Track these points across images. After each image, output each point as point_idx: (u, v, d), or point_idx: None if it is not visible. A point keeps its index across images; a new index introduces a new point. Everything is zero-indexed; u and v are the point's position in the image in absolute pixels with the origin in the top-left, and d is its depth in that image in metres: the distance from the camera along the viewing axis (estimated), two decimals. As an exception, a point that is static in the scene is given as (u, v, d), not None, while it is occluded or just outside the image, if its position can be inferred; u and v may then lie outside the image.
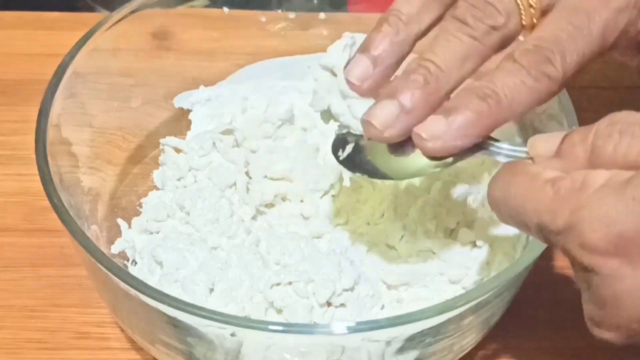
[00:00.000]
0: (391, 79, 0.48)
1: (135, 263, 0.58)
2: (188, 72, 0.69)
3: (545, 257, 0.63)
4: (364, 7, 0.70)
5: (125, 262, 0.59)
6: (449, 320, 0.49)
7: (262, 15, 0.70)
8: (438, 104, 0.45)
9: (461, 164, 0.47)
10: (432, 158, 0.46)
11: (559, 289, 0.63)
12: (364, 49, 0.47)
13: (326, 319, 0.54)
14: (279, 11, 0.70)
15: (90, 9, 0.90)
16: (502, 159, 0.46)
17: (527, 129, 0.61)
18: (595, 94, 0.75)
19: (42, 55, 0.76)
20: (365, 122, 0.46)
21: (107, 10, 0.88)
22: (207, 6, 0.68)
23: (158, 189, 0.63)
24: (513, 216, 0.42)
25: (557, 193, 0.39)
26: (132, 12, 0.62)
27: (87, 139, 0.61)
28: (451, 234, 0.59)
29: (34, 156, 0.53)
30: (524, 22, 0.46)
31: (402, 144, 0.47)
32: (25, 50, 0.77)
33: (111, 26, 0.61)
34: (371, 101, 0.47)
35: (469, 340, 0.55)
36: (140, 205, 0.62)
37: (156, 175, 0.63)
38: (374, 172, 0.49)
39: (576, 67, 0.45)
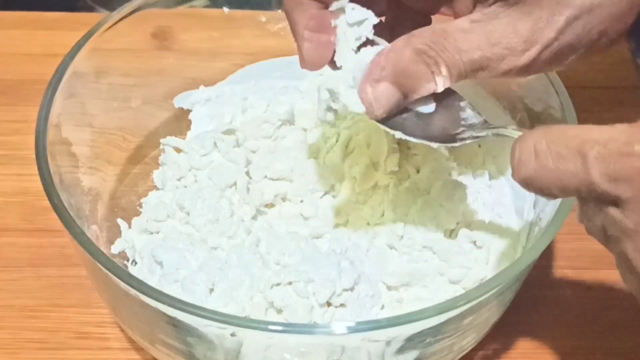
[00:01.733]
0: None
1: (135, 263, 0.58)
2: (188, 72, 0.69)
3: (545, 257, 0.63)
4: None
5: (125, 262, 0.59)
6: (449, 320, 0.49)
7: (262, 15, 0.70)
8: None
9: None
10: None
11: (559, 289, 0.63)
12: None
13: (326, 319, 0.53)
14: (279, 11, 0.70)
15: (90, 9, 0.90)
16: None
17: (527, 129, 0.61)
18: (595, 94, 0.75)
19: (42, 55, 0.76)
20: None
21: (107, 10, 0.88)
22: (207, 6, 0.68)
23: (158, 189, 0.63)
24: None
25: None
26: (132, 12, 0.62)
27: (87, 139, 0.61)
28: (451, 234, 0.59)
29: (34, 156, 0.53)
30: None
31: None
32: (25, 50, 0.77)
33: (111, 26, 0.61)
34: None
35: (469, 340, 0.55)
36: (140, 205, 0.62)
37: (156, 175, 0.63)
38: (407, 132, 0.50)
39: None
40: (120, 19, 0.62)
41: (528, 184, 0.42)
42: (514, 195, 0.62)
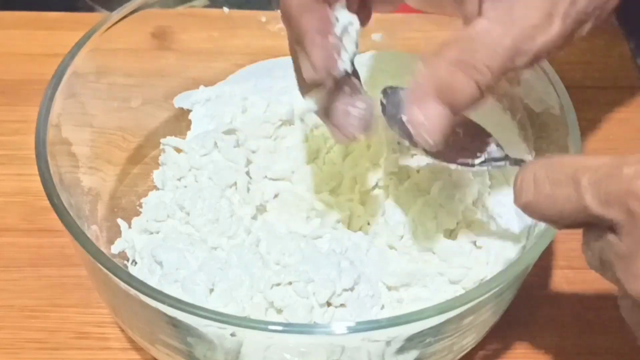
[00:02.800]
0: None
1: (135, 263, 0.58)
2: (188, 72, 0.69)
3: (545, 257, 0.63)
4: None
5: (125, 262, 0.59)
6: (449, 320, 0.49)
7: (262, 15, 0.70)
8: None
9: None
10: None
11: (559, 289, 0.63)
12: None
13: (326, 319, 0.53)
14: (279, 11, 0.69)
15: (90, 9, 0.90)
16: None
17: (527, 129, 0.61)
18: (595, 94, 0.75)
19: (42, 55, 0.76)
20: None
21: (107, 10, 0.88)
22: (207, 6, 0.68)
23: (158, 189, 0.63)
24: None
25: None
26: (132, 12, 0.62)
27: (87, 139, 0.61)
28: (451, 234, 0.59)
29: (34, 156, 0.53)
30: None
31: None
32: (25, 50, 0.77)
33: (111, 26, 0.61)
34: None
35: (469, 340, 0.55)
36: (140, 205, 0.62)
37: (156, 175, 0.63)
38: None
39: None
40: (120, 19, 0.62)
41: (528, 209, 0.44)
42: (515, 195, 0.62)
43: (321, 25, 0.47)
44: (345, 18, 0.48)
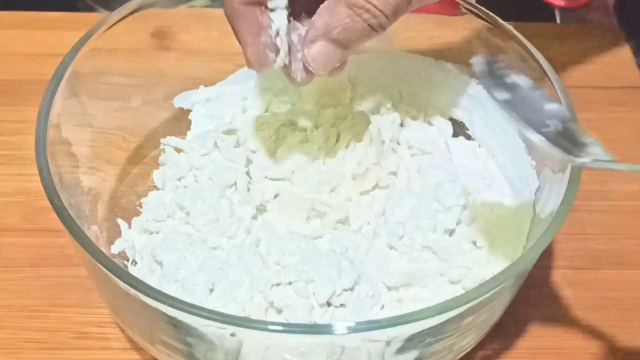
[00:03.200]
0: None
1: (135, 263, 0.58)
2: (188, 72, 0.69)
3: (545, 257, 0.63)
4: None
5: (125, 262, 0.59)
6: (449, 320, 0.49)
7: (262, 15, 0.69)
8: None
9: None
10: None
11: (558, 288, 0.63)
12: None
13: (326, 319, 0.54)
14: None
15: (90, 9, 0.90)
16: None
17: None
18: (595, 94, 0.75)
19: (42, 55, 0.76)
20: None
21: (107, 10, 0.88)
22: (207, 6, 0.68)
23: (158, 189, 0.63)
24: None
25: None
26: (132, 12, 0.62)
27: (87, 139, 0.61)
28: (451, 234, 0.59)
29: (34, 156, 0.53)
30: None
31: None
32: (25, 50, 0.77)
33: (111, 26, 0.61)
34: None
35: (469, 340, 0.55)
36: (140, 205, 0.62)
37: (156, 175, 0.63)
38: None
39: None
40: (120, 19, 0.61)
41: None
42: (514, 195, 0.62)
43: (251, 28, 0.52)
44: (278, 21, 0.52)
